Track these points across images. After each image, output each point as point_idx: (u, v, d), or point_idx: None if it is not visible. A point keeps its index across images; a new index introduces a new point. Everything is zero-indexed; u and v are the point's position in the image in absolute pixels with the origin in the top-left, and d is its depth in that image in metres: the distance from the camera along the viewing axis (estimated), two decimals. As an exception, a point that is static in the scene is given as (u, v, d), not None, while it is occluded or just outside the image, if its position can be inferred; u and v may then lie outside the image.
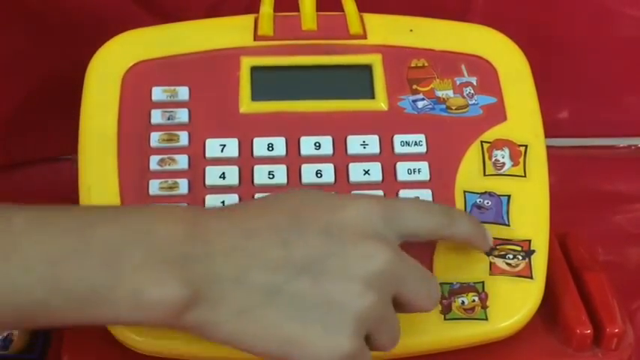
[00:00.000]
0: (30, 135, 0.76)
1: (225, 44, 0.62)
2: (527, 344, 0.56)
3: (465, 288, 0.56)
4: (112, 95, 0.60)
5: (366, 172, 0.58)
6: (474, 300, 0.55)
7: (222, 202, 0.56)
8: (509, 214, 0.58)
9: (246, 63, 0.61)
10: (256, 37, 0.62)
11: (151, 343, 0.53)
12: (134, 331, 0.53)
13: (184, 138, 0.59)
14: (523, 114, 0.61)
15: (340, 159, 0.58)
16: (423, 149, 0.59)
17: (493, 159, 0.59)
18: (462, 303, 0.55)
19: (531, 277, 0.56)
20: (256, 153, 0.58)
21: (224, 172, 0.57)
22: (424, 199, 0.57)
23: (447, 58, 0.63)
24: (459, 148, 0.60)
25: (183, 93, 0.60)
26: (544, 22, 0.77)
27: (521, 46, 0.64)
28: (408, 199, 0.56)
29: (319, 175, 0.58)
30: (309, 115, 0.60)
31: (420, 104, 0.61)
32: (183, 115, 0.59)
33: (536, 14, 0.77)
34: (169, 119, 0.59)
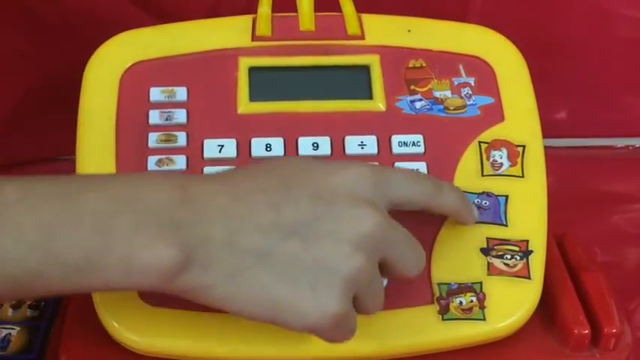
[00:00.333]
0: (28, 135, 0.77)
1: (223, 45, 0.62)
2: (525, 344, 0.56)
3: (463, 288, 0.56)
4: (110, 96, 0.60)
5: (364, 172, 0.58)
6: (471, 300, 0.55)
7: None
8: (506, 214, 0.58)
9: (244, 63, 0.61)
10: (254, 38, 0.62)
11: (150, 343, 0.53)
12: (133, 332, 0.53)
13: (182, 138, 0.59)
14: (521, 114, 0.61)
15: (338, 159, 0.58)
16: (420, 149, 0.59)
17: (491, 159, 0.59)
18: (460, 303, 0.55)
19: (529, 278, 0.56)
20: (254, 153, 0.58)
21: (222, 173, 0.58)
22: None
23: (444, 58, 0.63)
24: (456, 148, 0.60)
25: (181, 93, 0.60)
26: (542, 23, 0.78)
27: (519, 47, 0.64)
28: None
29: (317, 176, 0.58)
30: (307, 116, 0.60)
31: (418, 105, 0.61)
32: (181, 116, 0.59)
33: (534, 15, 0.77)
34: (167, 120, 0.59)
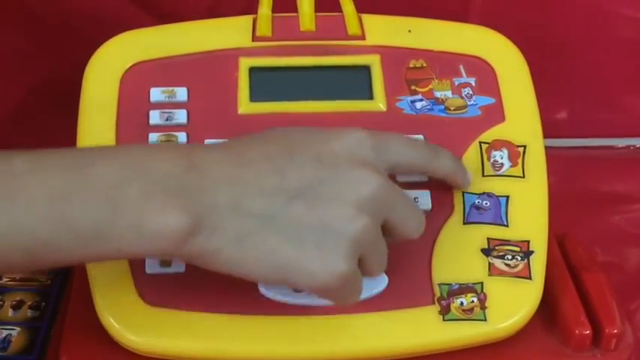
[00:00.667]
0: (29, 135, 0.76)
1: (224, 45, 0.62)
2: (526, 345, 0.56)
3: (464, 289, 0.55)
4: (110, 96, 0.60)
5: (365, 172, 0.58)
6: (472, 301, 0.55)
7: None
8: (507, 214, 0.58)
9: (245, 64, 0.61)
10: (255, 38, 0.62)
11: (151, 344, 0.53)
12: (133, 332, 0.53)
13: (183, 139, 0.59)
14: (522, 115, 0.61)
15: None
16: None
17: (492, 159, 0.59)
18: (461, 304, 0.55)
19: (530, 278, 0.56)
20: (255, 154, 0.58)
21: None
22: (423, 199, 0.57)
23: (445, 58, 0.63)
24: (457, 148, 0.59)
25: (181, 94, 0.60)
26: (542, 23, 0.78)
27: (520, 47, 0.64)
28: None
29: (318, 176, 0.58)
30: (307, 116, 0.60)
31: (419, 105, 0.61)
32: (181, 116, 0.59)
33: (535, 15, 0.77)
34: (168, 120, 0.59)
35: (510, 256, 0.56)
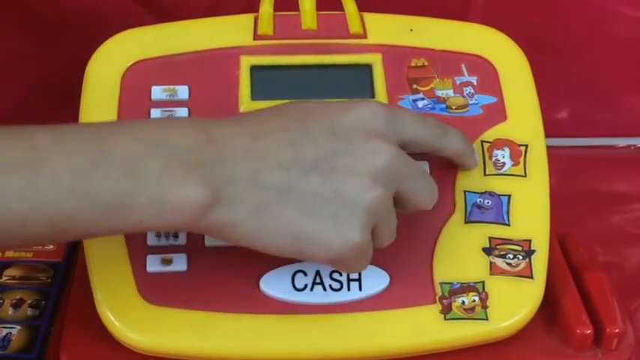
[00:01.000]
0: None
1: (225, 43, 0.62)
2: (528, 344, 0.56)
3: (466, 288, 0.55)
4: (111, 94, 0.60)
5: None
6: (474, 300, 0.55)
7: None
8: (509, 213, 0.58)
9: (246, 62, 0.61)
10: (256, 37, 0.62)
11: (151, 342, 0.53)
12: (134, 331, 0.53)
13: (184, 137, 0.58)
14: (523, 114, 0.61)
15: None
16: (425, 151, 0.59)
17: (493, 159, 0.59)
18: (463, 303, 0.55)
19: (531, 277, 0.56)
20: (256, 152, 0.58)
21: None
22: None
23: (447, 57, 0.63)
24: (459, 147, 0.59)
25: (182, 92, 0.60)
26: (544, 22, 0.78)
27: (521, 46, 0.64)
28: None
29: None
30: (308, 115, 0.60)
31: (420, 104, 0.61)
32: (182, 115, 0.59)
33: (536, 14, 0.77)
34: (169, 118, 0.59)
35: (512, 256, 0.56)
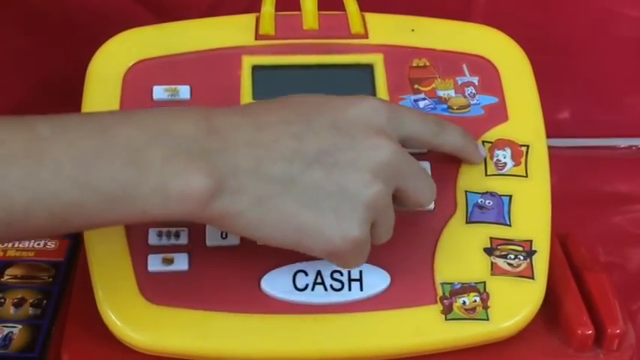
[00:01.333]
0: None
1: (227, 43, 0.62)
2: (529, 345, 0.56)
3: (467, 288, 0.55)
4: (112, 94, 0.60)
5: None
6: (475, 300, 0.55)
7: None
8: (510, 214, 0.58)
9: (248, 62, 0.61)
10: (257, 37, 0.62)
11: (152, 342, 0.53)
12: (135, 330, 0.53)
13: (185, 137, 0.58)
14: (525, 114, 0.61)
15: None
16: (423, 149, 0.59)
17: (495, 159, 0.59)
18: (464, 303, 0.55)
19: (533, 278, 0.56)
20: (257, 152, 0.58)
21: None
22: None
23: (448, 57, 0.63)
24: (460, 148, 0.59)
25: (184, 92, 0.60)
26: (546, 23, 0.78)
27: (523, 47, 0.63)
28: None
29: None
30: (310, 115, 0.60)
31: (422, 104, 0.61)
32: (184, 114, 0.59)
33: (538, 14, 0.77)
34: (170, 118, 0.59)
35: (513, 256, 0.56)
